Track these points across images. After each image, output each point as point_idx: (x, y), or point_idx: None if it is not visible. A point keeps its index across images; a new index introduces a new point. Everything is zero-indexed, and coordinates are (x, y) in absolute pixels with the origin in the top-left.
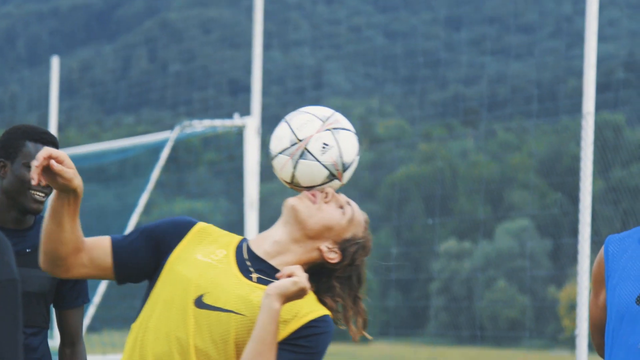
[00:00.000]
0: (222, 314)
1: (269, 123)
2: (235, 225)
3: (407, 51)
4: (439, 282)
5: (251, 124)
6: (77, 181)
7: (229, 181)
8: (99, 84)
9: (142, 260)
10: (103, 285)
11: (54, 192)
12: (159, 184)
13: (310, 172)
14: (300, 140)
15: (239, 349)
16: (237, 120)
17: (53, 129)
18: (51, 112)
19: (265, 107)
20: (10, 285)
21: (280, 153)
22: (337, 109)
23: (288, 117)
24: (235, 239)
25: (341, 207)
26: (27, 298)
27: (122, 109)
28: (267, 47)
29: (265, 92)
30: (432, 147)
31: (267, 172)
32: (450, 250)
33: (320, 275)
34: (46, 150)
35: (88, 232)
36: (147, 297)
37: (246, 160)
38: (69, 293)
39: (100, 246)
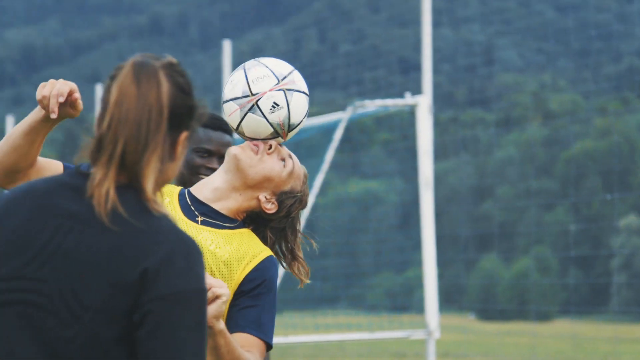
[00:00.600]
0: None
1: (440, 101)
2: (410, 204)
3: (579, 24)
4: (620, 258)
5: (423, 103)
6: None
7: (403, 160)
8: None
9: None
10: (281, 269)
11: (41, 114)
12: (334, 164)
13: (256, 126)
14: (253, 94)
15: None
16: (408, 99)
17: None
18: None
19: (436, 86)
20: (197, 295)
21: (231, 100)
22: (509, 86)
23: (247, 65)
24: (177, 188)
25: (283, 159)
26: None
27: None
28: (436, 24)
29: (435, 70)
30: (607, 122)
31: (441, 150)
32: (631, 226)
33: (257, 223)
34: (69, 86)
35: None
36: None
37: (419, 139)
38: None
39: (52, 169)
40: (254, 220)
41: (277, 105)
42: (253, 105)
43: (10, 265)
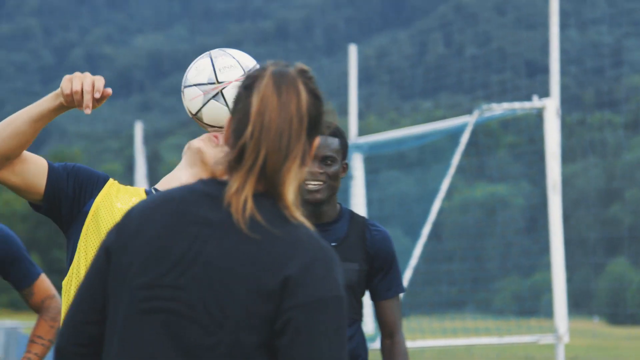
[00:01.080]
0: None
1: (568, 104)
2: (537, 208)
3: None
4: None
5: (550, 106)
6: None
7: (530, 164)
8: (395, 70)
9: (65, 199)
10: (409, 272)
11: (56, 102)
12: (459, 168)
13: (217, 114)
14: (218, 82)
15: None
16: (535, 102)
17: (353, 116)
18: (350, 100)
19: (563, 88)
20: (337, 302)
21: (195, 85)
22: (638, 87)
23: (214, 53)
24: (141, 188)
25: None
26: None
27: (420, 94)
28: (563, 26)
29: (563, 73)
30: None
31: (568, 153)
32: None
33: None
34: (102, 81)
35: (391, 220)
36: (74, 248)
37: (547, 142)
38: (380, 285)
39: (37, 163)
40: None
41: None
42: (218, 93)
43: (149, 274)
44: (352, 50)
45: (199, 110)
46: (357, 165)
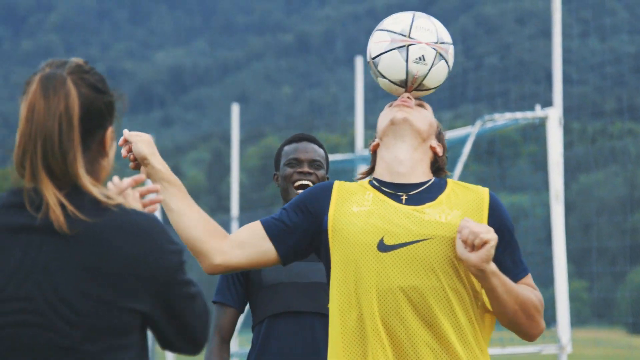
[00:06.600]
0: (412, 246)
1: (586, 113)
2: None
3: None
4: None
5: (553, 115)
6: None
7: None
8: None
9: (301, 234)
10: None
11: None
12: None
13: (393, 65)
14: (410, 37)
15: (447, 270)
16: (538, 111)
17: (359, 129)
18: (357, 112)
19: (582, 97)
20: (182, 263)
21: (387, 31)
22: None
23: (418, 13)
24: (364, 181)
25: (421, 105)
26: None
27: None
28: (583, 35)
29: (581, 82)
30: None
31: (590, 162)
32: None
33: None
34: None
35: None
36: (328, 267)
37: (549, 152)
38: None
39: (252, 229)
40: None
41: (424, 59)
42: (404, 46)
43: None
44: (359, 63)
45: (379, 55)
46: None
